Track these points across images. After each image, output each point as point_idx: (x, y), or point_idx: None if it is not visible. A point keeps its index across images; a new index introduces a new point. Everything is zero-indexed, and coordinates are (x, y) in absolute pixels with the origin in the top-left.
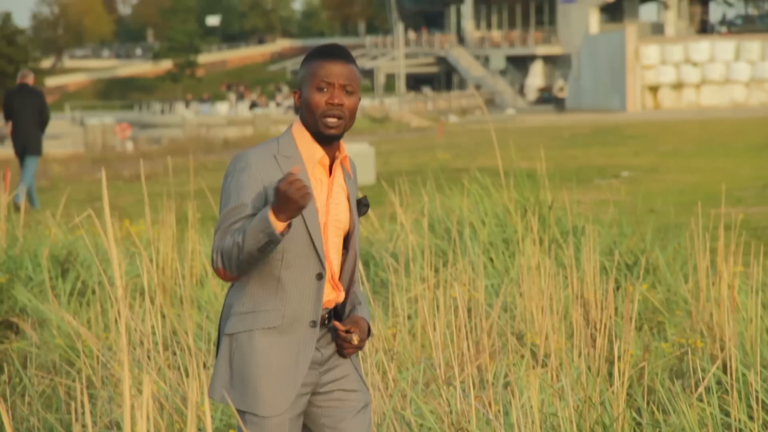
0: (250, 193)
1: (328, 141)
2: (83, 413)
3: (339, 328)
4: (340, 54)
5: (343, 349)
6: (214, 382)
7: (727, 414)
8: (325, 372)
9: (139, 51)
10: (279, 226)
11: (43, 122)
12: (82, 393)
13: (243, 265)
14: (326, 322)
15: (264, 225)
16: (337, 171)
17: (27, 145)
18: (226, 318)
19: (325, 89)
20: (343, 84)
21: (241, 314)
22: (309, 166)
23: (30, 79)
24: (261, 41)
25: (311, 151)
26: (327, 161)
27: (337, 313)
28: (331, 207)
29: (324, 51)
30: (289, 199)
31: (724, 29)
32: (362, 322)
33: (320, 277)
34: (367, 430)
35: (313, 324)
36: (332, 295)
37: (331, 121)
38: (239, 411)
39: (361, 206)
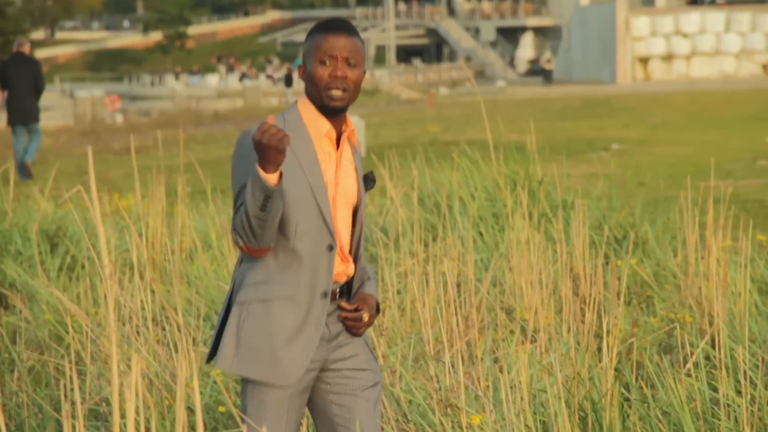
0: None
1: (334, 114)
2: (72, 389)
3: (346, 307)
4: (343, 27)
5: (353, 328)
6: (221, 351)
7: (715, 390)
8: (334, 349)
9: (126, 23)
10: (270, 178)
11: (38, 91)
12: (71, 369)
13: (257, 231)
14: (336, 296)
15: (257, 182)
16: (345, 144)
17: (27, 113)
18: (237, 288)
19: (328, 62)
20: (346, 57)
21: (255, 284)
22: (316, 139)
23: (26, 48)
24: (246, 13)
25: (318, 125)
26: (334, 134)
27: (348, 288)
28: (339, 180)
29: (327, 25)
30: (267, 147)
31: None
32: (370, 299)
33: (330, 248)
34: (375, 409)
35: (324, 294)
36: (341, 268)
37: (335, 93)
38: (244, 382)
39: (368, 181)
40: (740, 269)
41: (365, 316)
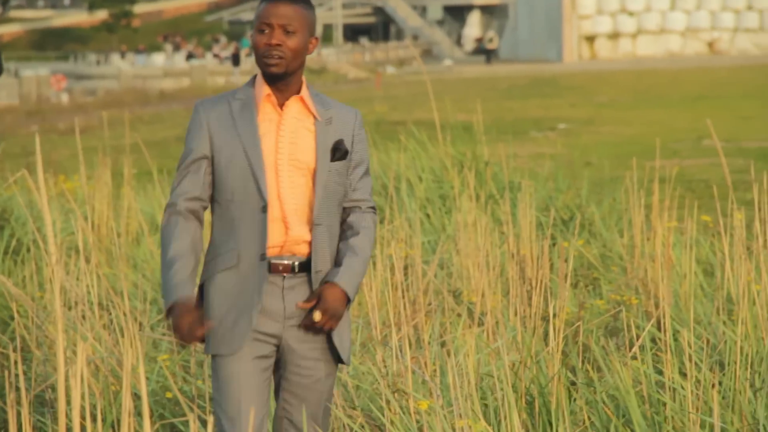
0: (194, 138)
1: (276, 80)
2: (17, 376)
3: (300, 306)
4: None
5: (309, 329)
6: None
7: (661, 373)
8: (290, 327)
9: (67, 1)
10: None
11: None
12: (16, 356)
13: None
14: (294, 270)
15: (164, 291)
16: (291, 110)
17: None
18: (203, 266)
19: (265, 30)
20: (282, 24)
21: (207, 262)
22: (260, 104)
23: None
24: None
25: (261, 91)
26: (274, 99)
27: (309, 262)
28: (281, 146)
29: None
30: (174, 329)
31: None
32: (330, 293)
33: (264, 209)
34: (319, 402)
35: (262, 258)
36: (283, 237)
37: (270, 60)
38: (211, 360)
39: (335, 151)
40: (686, 250)
41: (316, 316)
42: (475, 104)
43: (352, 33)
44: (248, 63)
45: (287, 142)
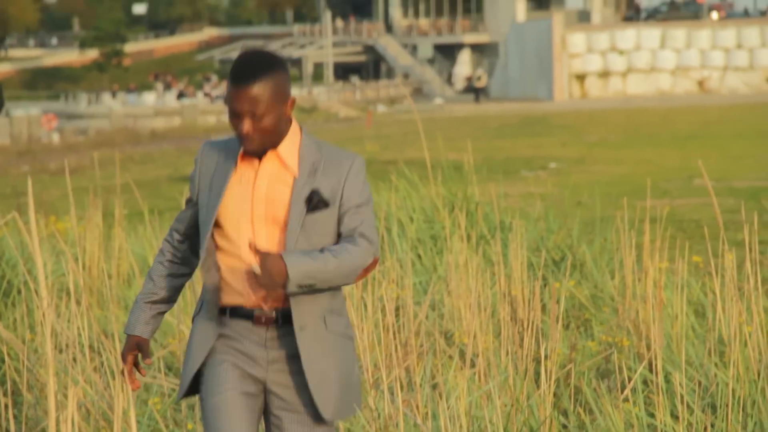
0: (194, 186)
1: None
2: (8, 420)
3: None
4: (248, 75)
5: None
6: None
7: (653, 415)
8: (274, 372)
9: (54, 40)
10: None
11: None
12: (7, 399)
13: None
14: (278, 322)
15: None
16: (267, 166)
17: None
18: None
19: (235, 116)
20: (250, 110)
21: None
22: (240, 159)
23: None
24: (173, 32)
25: (239, 145)
26: (257, 155)
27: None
28: (256, 203)
29: (235, 71)
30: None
31: (647, 16)
32: (271, 258)
33: (208, 252)
34: None
35: (221, 311)
36: (261, 291)
37: (245, 144)
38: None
39: (311, 202)
40: (677, 291)
41: (256, 269)
42: (466, 143)
43: (343, 71)
44: None
45: (263, 198)
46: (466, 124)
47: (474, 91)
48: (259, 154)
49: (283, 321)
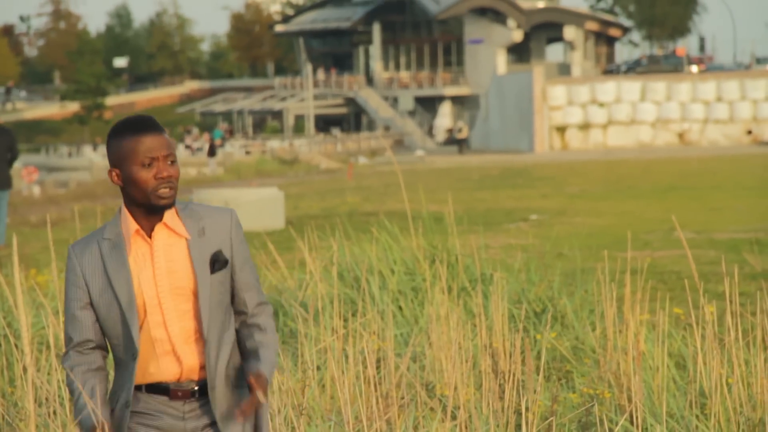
0: (72, 287)
1: (156, 211)
2: None
3: (245, 409)
4: (154, 126)
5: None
6: None
7: None
8: None
9: (23, 93)
10: None
11: (13, 158)
12: None
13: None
14: (194, 395)
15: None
16: (160, 237)
17: (1, 179)
18: None
19: (150, 164)
20: (166, 155)
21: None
22: (131, 241)
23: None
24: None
25: (127, 227)
26: (143, 232)
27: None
28: (159, 278)
29: (137, 125)
30: None
31: (625, 69)
32: (260, 375)
33: (134, 357)
34: None
35: (126, 405)
36: (176, 369)
37: (164, 192)
38: None
39: (216, 263)
40: (658, 343)
41: (261, 398)
42: (447, 195)
43: (324, 124)
44: (220, 154)
45: (165, 271)
46: (447, 176)
47: (456, 142)
48: (160, 217)
49: (200, 393)
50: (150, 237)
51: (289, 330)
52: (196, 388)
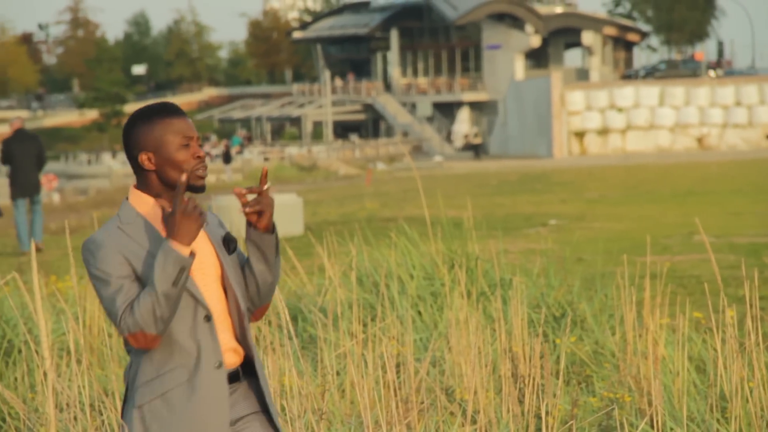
0: (116, 267)
1: (196, 192)
2: None
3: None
4: (181, 109)
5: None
6: None
7: None
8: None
9: (35, 105)
10: (185, 250)
11: (41, 164)
12: None
13: (166, 313)
14: (240, 378)
15: (170, 257)
16: None
17: (29, 187)
18: (132, 392)
19: (188, 145)
20: (198, 137)
21: (148, 383)
22: (156, 225)
23: (24, 124)
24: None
25: (154, 213)
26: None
27: (249, 368)
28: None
29: (167, 108)
30: (189, 218)
31: (645, 74)
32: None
33: (208, 318)
34: None
35: (219, 365)
36: (227, 345)
37: (202, 172)
38: None
39: (229, 243)
40: (678, 347)
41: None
42: (466, 200)
43: (343, 130)
44: (238, 161)
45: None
46: (466, 182)
47: (473, 148)
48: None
49: (243, 374)
50: None
51: (308, 335)
52: (240, 370)
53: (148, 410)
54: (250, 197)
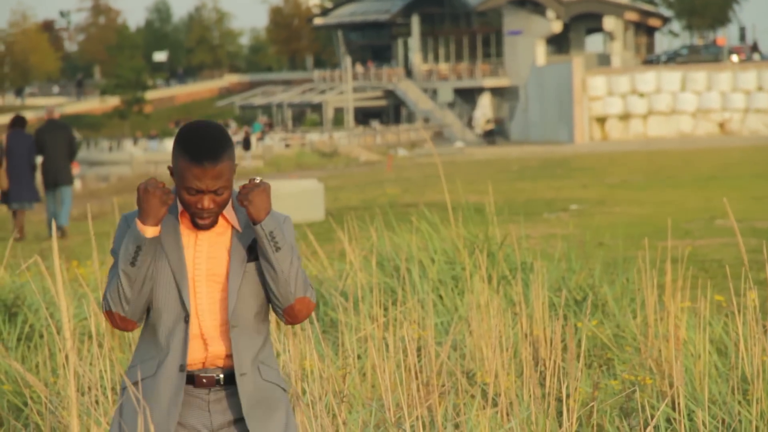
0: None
1: None
2: None
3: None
4: (210, 154)
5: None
6: None
7: None
8: None
9: (56, 89)
10: (146, 230)
11: (72, 154)
12: None
13: (126, 291)
14: (219, 383)
15: (131, 235)
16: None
17: (60, 176)
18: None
19: (194, 194)
20: (213, 189)
21: (131, 368)
22: (181, 216)
23: (56, 114)
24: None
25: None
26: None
27: (231, 376)
28: (198, 262)
29: (195, 150)
30: (151, 196)
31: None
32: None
33: (186, 320)
34: None
35: (182, 368)
36: (202, 353)
37: (201, 222)
38: None
39: (252, 251)
40: (699, 330)
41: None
42: (487, 186)
43: (363, 116)
44: (259, 147)
45: (205, 257)
46: (487, 167)
47: (488, 134)
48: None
49: (225, 382)
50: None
51: (329, 319)
52: (221, 375)
53: (126, 396)
54: None
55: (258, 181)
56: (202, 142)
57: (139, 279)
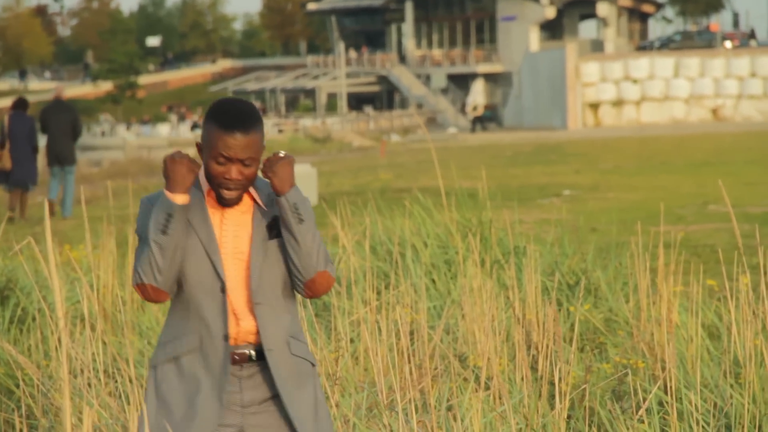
0: (146, 225)
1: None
2: None
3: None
4: (242, 124)
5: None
6: (143, 417)
7: None
8: (250, 415)
9: (47, 74)
10: (177, 197)
11: (76, 135)
12: (21, 423)
13: (158, 261)
14: (252, 358)
15: (162, 204)
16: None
17: (63, 156)
18: (154, 352)
19: (223, 162)
20: (241, 159)
21: (164, 344)
22: (207, 193)
23: (64, 94)
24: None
25: (204, 182)
26: (213, 194)
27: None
28: (224, 240)
29: (225, 120)
30: (178, 165)
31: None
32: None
33: (222, 290)
34: None
35: (226, 338)
36: (234, 329)
37: (227, 193)
38: None
39: (272, 228)
40: (691, 314)
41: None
42: (480, 171)
43: (357, 102)
44: None
45: (231, 235)
46: (480, 153)
47: (476, 121)
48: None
49: (257, 357)
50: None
51: (322, 303)
52: (253, 351)
53: (161, 371)
54: None
55: (282, 155)
56: (235, 112)
57: (170, 247)
